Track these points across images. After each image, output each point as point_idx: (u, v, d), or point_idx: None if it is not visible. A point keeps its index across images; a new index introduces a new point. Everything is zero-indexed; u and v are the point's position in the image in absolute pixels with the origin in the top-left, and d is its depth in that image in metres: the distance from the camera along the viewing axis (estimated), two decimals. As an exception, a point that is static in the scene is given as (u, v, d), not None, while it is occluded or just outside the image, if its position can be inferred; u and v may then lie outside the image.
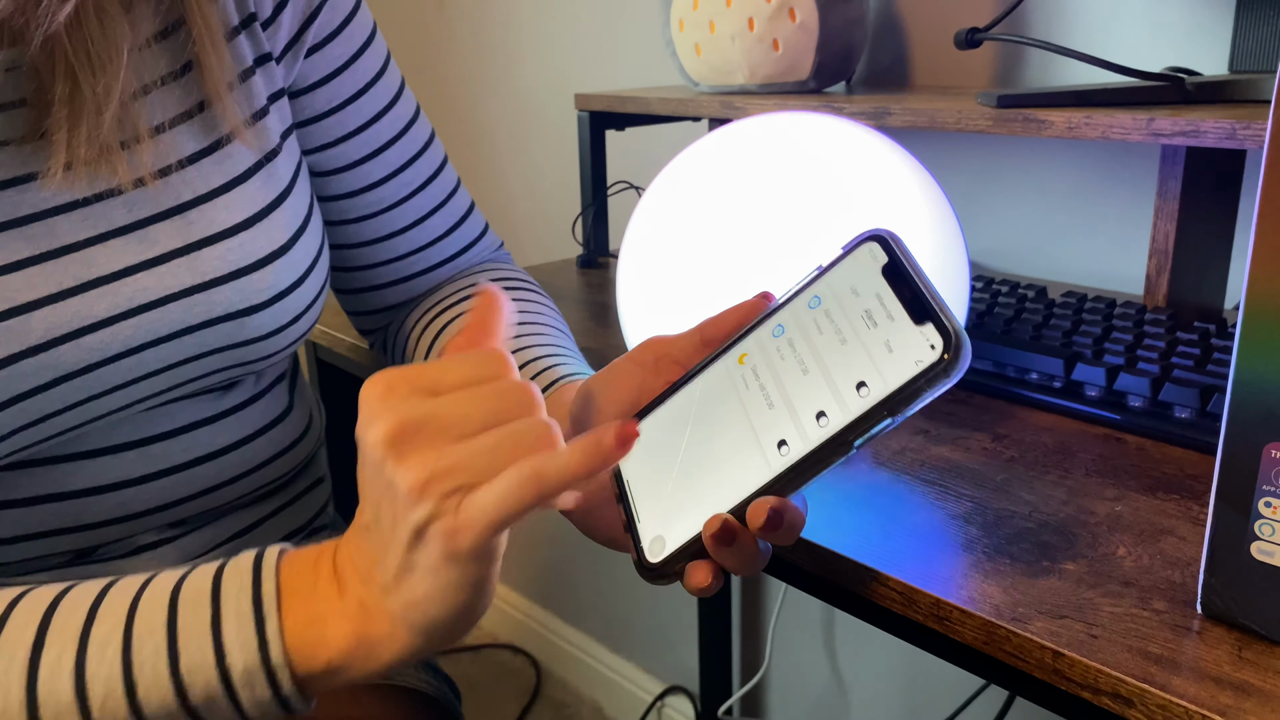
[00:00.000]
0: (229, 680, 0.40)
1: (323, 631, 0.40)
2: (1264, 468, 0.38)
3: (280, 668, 0.40)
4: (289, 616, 0.40)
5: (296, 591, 0.41)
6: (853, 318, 0.42)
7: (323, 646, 0.40)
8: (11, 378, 0.49)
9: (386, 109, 0.65)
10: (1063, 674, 0.40)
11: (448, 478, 0.37)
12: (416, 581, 0.38)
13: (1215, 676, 0.38)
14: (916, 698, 1.20)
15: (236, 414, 0.61)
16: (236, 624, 0.40)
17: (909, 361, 0.38)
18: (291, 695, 0.40)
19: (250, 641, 0.40)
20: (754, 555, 0.41)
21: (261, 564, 0.41)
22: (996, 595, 0.43)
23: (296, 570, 0.41)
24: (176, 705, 0.40)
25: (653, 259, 0.56)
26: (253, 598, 0.40)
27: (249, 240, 0.55)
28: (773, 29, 0.86)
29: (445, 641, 0.40)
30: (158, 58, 0.54)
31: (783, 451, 0.41)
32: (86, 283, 0.51)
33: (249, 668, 0.40)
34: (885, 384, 0.39)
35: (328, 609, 0.40)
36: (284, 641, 0.40)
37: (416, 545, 0.37)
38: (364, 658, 0.40)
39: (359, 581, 0.40)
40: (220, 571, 0.42)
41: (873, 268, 0.42)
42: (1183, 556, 0.46)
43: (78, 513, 0.56)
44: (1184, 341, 0.63)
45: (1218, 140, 0.60)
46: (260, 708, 0.40)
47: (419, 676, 0.66)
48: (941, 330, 0.38)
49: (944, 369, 0.37)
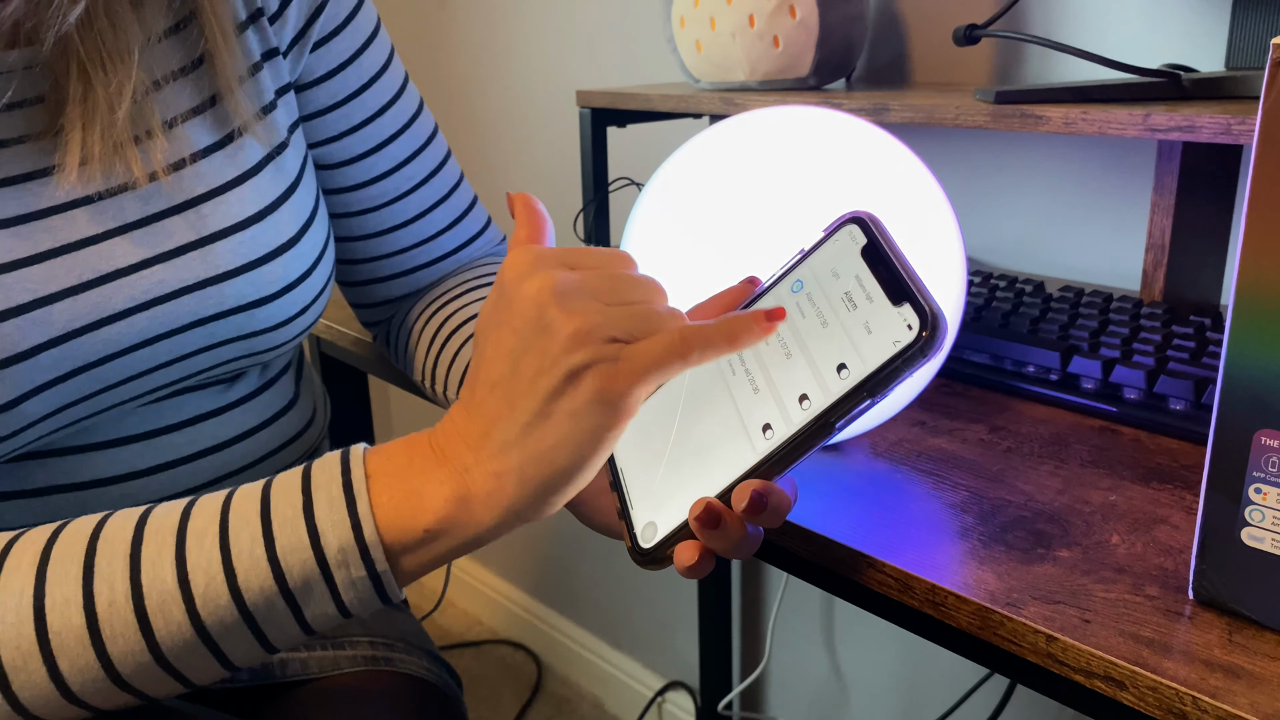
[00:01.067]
0: (324, 560, 0.41)
1: (419, 501, 0.41)
2: (1254, 455, 0.38)
3: (374, 545, 0.41)
4: (381, 494, 0.42)
5: (389, 472, 0.43)
6: (834, 300, 0.42)
7: (420, 513, 0.41)
8: (34, 369, 0.50)
9: (391, 103, 0.66)
10: (1056, 658, 0.40)
11: (608, 328, 0.40)
12: (550, 428, 0.40)
13: (1206, 659, 0.38)
14: (915, 691, 1.20)
15: (242, 406, 0.62)
16: (329, 507, 0.42)
17: (887, 342, 0.39)
18: (384, 574, 0.42)
19: (343, 521, 0.41)
20: (742, 538, 0.42)
21: (350, 455, 0.44)
22: (991, 581, 0.44)
23: (386, 454, 0.43)
24: (275, 590, 0.41)
25: (653, 253, 0.57)
26: (343, 483, 0.42)
27: (259, 233, 0.56)
28: (773, 26, 0.86)
29: (547, 505, 0.42)
30: (169, 53, 0.55)
31: (767, 435, 0.42)
32: (105, 275, 0.52)
33: (343, 546, 0.41)
34: (864, 365, 0.39)
35: (424, 479, 0.42)
36: (375, 520, 0.41)
37: (565, 389, 0.40)
38: (463, 521, 0.41)
39: (466, 447, 0.42)
40: (309, 467, 0.44)
41: (853, 250, 0.43)
42: (1175, 544, 0.46)
43: (86, 503, 0.57)
44: (1179, 335, 0.64)
45: (1213, 136, 0.61)
46: (355, 590, 0.42)
47: (421, 664, 0.67)
48: (918, 310, 0.38)
49: (920, 348, 0.38)
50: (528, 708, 1.65)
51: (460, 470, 0.42)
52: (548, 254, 0.43)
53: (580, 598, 1.68)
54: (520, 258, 0.42)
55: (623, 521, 0.46)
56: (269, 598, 0.41)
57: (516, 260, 0.42)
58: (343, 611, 0.43)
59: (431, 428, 0.44)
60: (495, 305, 0.43)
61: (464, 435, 0.42)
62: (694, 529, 0.41)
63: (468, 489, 0.41)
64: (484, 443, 0.41)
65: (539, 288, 0.40)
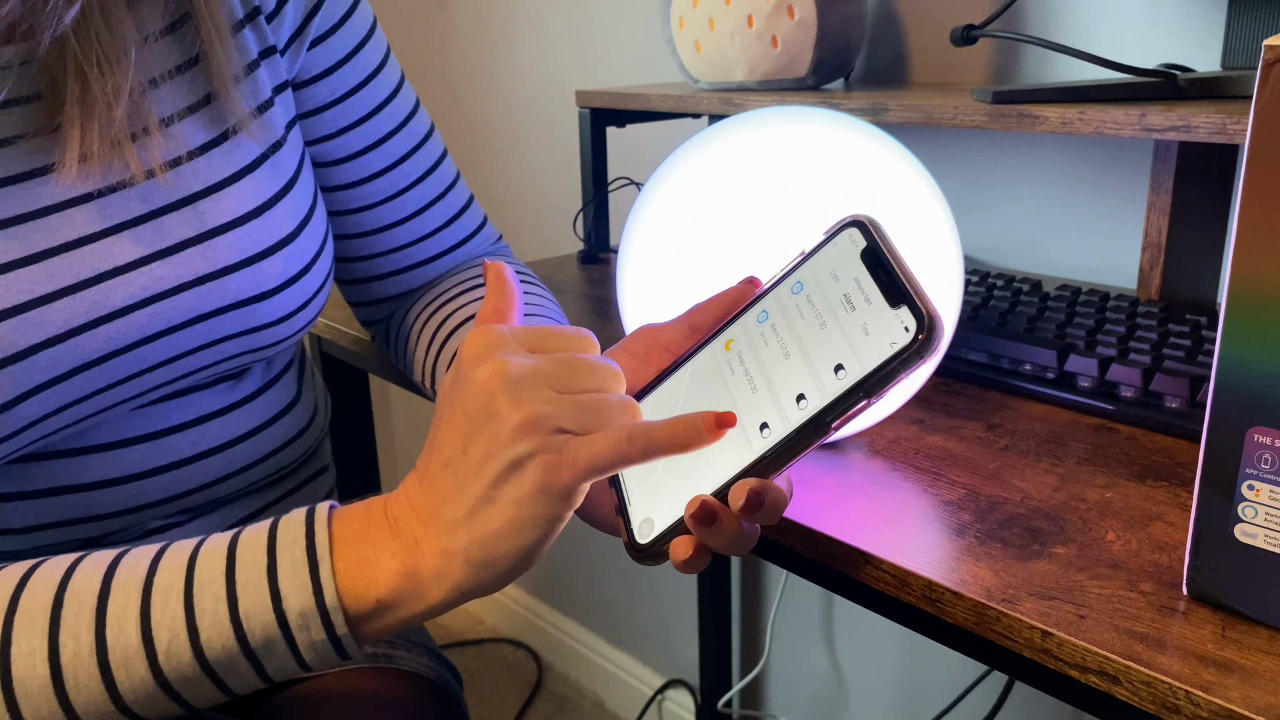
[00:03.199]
0: (285, 623, 0.42)
1: (372, 571, 0.42)
2: (1247, 451, 0.39)
3: (334, 610, 0.42)
4: (340, 561, 0.43)
5: (348, 539, 0.43)
6: (832, 302, 0.43)
7: (373, 585, 0.42)
8: (31, 368, 0.50)
9: (387, 101, 0.66)
10: (1051, 653, 0.41)
11: (555, 419, 0.41)
12: (496, 513, 0.41)
13: (1199, 654, 0.39)
14: (914, 689, 1.21)
15: (246, 405, 0.62)
16: (292, 570, 0.42)
17: (884, 344, 0.39)
18: (344, 637, 0.43)
19: (305, 586, 0.42)
20: (738, 535, 0.42)
21: (314, 517, 0.44)
22: (987, 578, 0.44)
23: (346, 521, 0.44)
24: (237, 649, 0.42)
25: (653, 253, 0.57)
26: (306, 546, 0.43)
27: (258, 229, 0.56)
28: (771, 26, 0.87)
29: (494, 584, 0.43)
30: (165, 51, 0.55)
31: (764, 434, 0.42)
32: (103, 273, 0.52)
33: (304, 610, 0.42)
34: (861, 366, 0.40)
35: (377, 550, 0.43)
36: (336, 584, 0.42)
37: (509, 476, 0.41)
38: (413, 594, 0.42)
39: (417, 522, 0.43)
40: (275, 525, 0.44)
41: (852, 252, 0.43)
42: (1170, 541, 0.47)
43: (90, 504, 0.57)
44: (1175, 333, 0.64)
45: (1209, 135, 0.61)
46: (315, 650, 0.43)
47: (422, 661, 0.67)
48: (915, 312, 0.39)
49: (917, 351, 0.38)
50: (528, 706, 1.66)
51: (411, 544, 0.43)
52: (506, 337, 0.43)
53: (580, 596, 1.69)
54: (479, 339, 0.43)
55: (620, 518, 0.46)
56: (231, 656, 0.42)
57: (475, 341, 0.43)
58: (303, 667, 0.44)
59: (388, 495, 0.45)
60: (453, 383, 0.43)
61: (416, 509, 0.43)
62: (689, 526, 0.42)
63: (417, 564, 0.42)
64: (433, 519, 0.42)
65: (490, 374, 0.42)
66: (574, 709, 1.65)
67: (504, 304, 0.47)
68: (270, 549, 0.43)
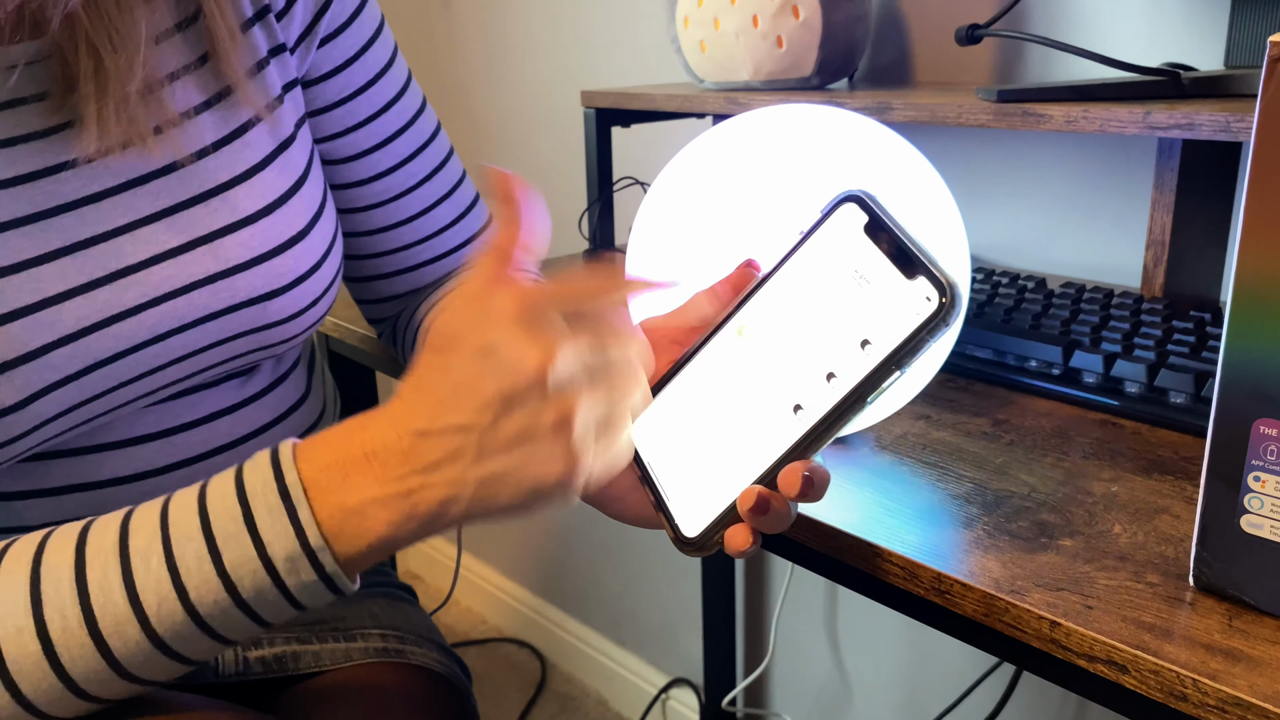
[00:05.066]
0: (273, 569, 0.42)
1: (361, 520, 0.42)
2: (1253, 443, 0.39)
3: (321, 550, 0.42)
4: (322, 510, 0.42)
5: (324, 487, 0.42)
6: (844, 278, 0.43)
7: (365, 533, 0.42)
8: (44, 368, 0.50)
9: (395, 99, 0.66)
10: (1059, 643, 0.41)
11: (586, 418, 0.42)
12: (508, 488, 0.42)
13: (1206, 644, 0.39)
14: (918, 687, 1.21)
15: (256, 402, 0.63)
16: (270, 518, 0.42)
17: (909, 314, 0.40)
18: (335, 574, 0.42)
19: (286, 530, 0.42)
20: (787, 517, 0.44)
21: (279, 459, 0.43)
22: (996, 570, 0.45)
23: (317, 465, 0.43)
24: (229, 601, 0.42)
25: (660, 252, 0.58)
26: (279, 491, 0.42)
27: (269, 226, 0.56)
28: (776, 26, 0.87)
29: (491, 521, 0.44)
30: (176, 49, 0.56)
31: (799, 416, 0.43)
32: (115, 272, 0.52)
33: (290, 554, 0.42)
34: (890, 339, 0.41)
35: (361, 497, 0.42)
36: (319, 527, 0.42)
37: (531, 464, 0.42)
38: (409, 534, 0.42)
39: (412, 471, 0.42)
40: (239, 472, 0.44)
41: (854, 227, 0.44)
42: (1176, 534, 0.47)
43: (103, 502, 0.57)
44: (1180, 330, 0.64)
45: (1213, 133, 0.61)
46: (307, 591, 0.43)
47: (432, 656, 0.67)
48: (935, 281, 0.40)
49: (944, 318, 0.39)
50: (532, 705, 1.66)
51: (403, 491, 0.42)
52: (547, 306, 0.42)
53: (585, 596, 1.69)
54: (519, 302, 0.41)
55: (660, 513, 0.47)
56: (224, 609, 0.42)
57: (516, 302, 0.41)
58: (298, 608, 0.44)
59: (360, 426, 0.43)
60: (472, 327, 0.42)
61: (408, 455, 0.42)
62: (745, 518, 0.43)
63: (413, 509, 0.42)
64: (435, 470, 0.42)
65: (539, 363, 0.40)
66: (578, 708, 1.66)
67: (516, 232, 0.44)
68: (241, 498, 0.42)
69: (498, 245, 0.43)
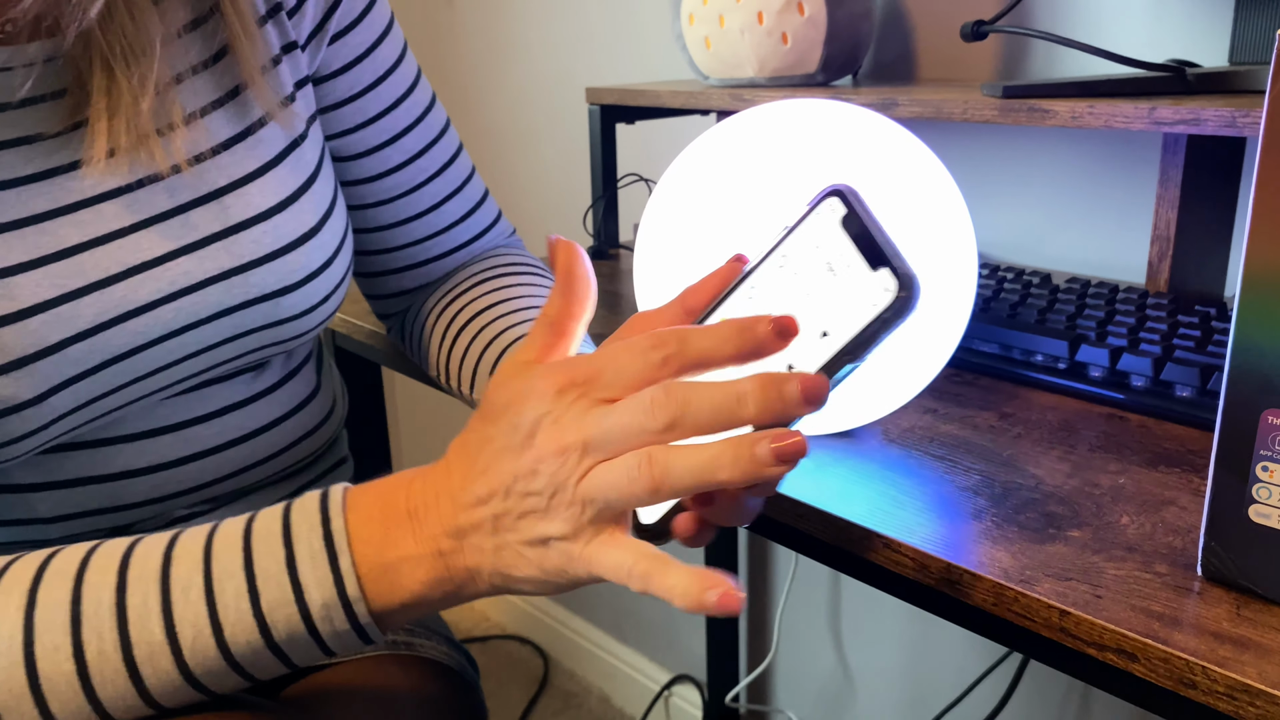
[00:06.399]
0: (308, 615, 0.42)
1: (397, 578, 0.43)
2: (1261, 433, 0.40)
3: (357, 600, 0.42)
4: (362, 564, 0.43)
5: (366, 540, 0.43)
6: (817, 270, 0.44)
7: (397, 589, 0.43)
8: (62, 362, 0.51)
9: (404, 96, 0.67)
10: (1069, 632, 0.41)
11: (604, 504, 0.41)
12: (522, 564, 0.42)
13: (1214, 632, 0.39)
14: (921, 684, 1.22)
15: (267, 397, 0.63)
16: (311, 563, 0.43)
17: (866, 305, 0.41)
18: (368, 625, 0.43)
19: (326, 578, 0.42)
20: (737, 508, 0.43)
21: (328, 505, 0.44)
22: (1005, 560, 0.45)
23: (363, 516, 0.44)
24: (261, 643, 0.43)
25: (669, 246, 0.58)
26: (323, 536, 0.43)
27: (282, 223, 0.57)
28: (781, 23, 0.88)
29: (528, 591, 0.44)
30: (189, 47, 0.56)
31: None
32: (132, 268, 0.53)
33: (327, 602, 0.42)
34: (846, 329, 0.41)
35: (400, 555, 0.43)
36: (359, 578, 0.43)
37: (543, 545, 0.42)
38: (440, 598, 0.43)
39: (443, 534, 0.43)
40: (288, 514, 0.44)
41: (832, 221, 0.44)
42: (1184, 524, 0.48)
43: (117, 493, 0.58)
44: (1185, 324, 0.65)
45: (1217, 129, 0.62)
46: (339, 639, 0.43)
47: (441, 650, 0.68)
48: (895, 273, 0.40)
49: (897, 310, 0.40)
50: (535, 702, 1.66)
51: (436, 552, 0.43)
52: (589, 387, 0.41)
53: (587, 593, 1.70)
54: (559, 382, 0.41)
55: None
56: (255, 649, 0.43)
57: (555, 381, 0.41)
58: (327, 654, 0.44)
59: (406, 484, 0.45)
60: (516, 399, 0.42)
61: (443, 519, 0.43)
62: (687, 505, 0.43)
63: (444, 574, 0.43)
64: (462, 537, 0.43)
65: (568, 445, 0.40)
66: (580, 705, 1.66)
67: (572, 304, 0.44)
68: (287, 540, 0.43)
69: (551, 316, 0.44)
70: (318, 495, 0.45)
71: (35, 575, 0.43)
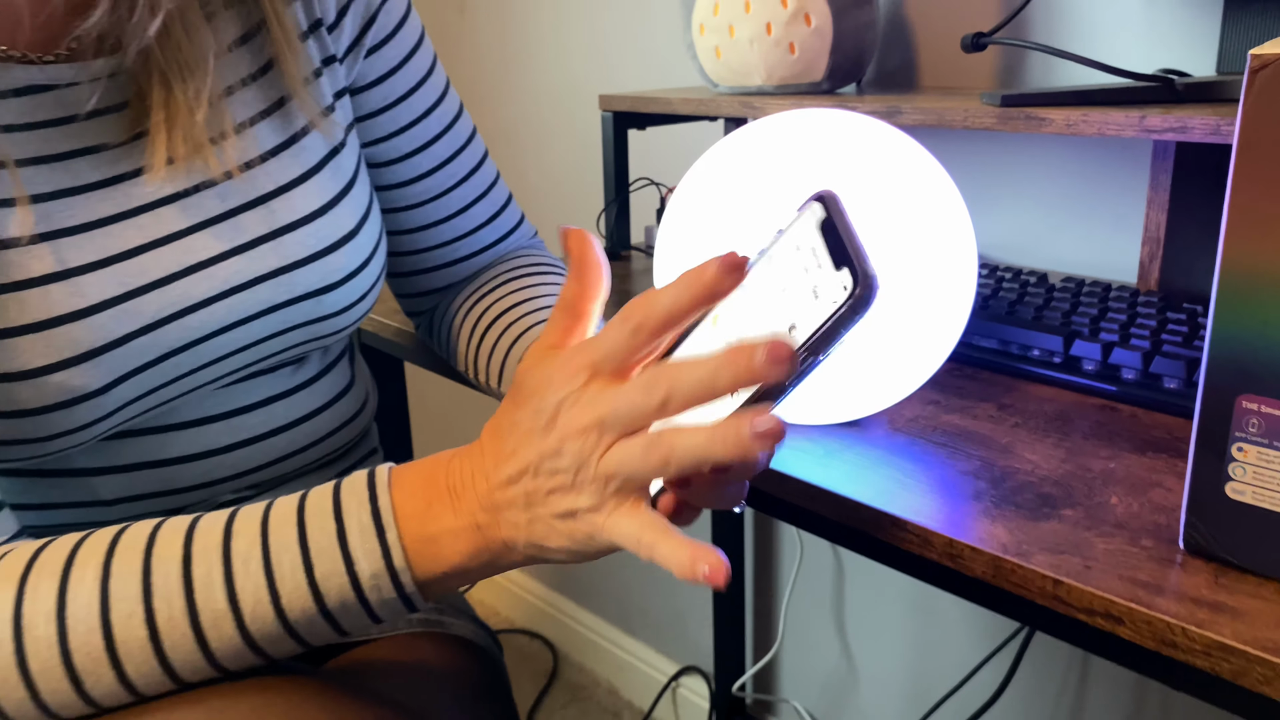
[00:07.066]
0: (359, 584, 0.46)
1: (438, 549, 0.47)
2: (1237, 416, 0.43)
3: (403, 570, 0.46)
4: (406, 537, 0.47)
5: (410, 514, 0.47)
6: (795, 270, 0.47)
7: (439, 560, 0.47)
8: (128, 354, 0.55)
9: (435, 105, 0.71)
10: (1061, 599, 0.45)
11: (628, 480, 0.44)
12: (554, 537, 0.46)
13: (1194, 597, 0.43)
14: (924, 674, 1.25)
15: (307, 389, 0.67)
16: (360, 536, 0.47)
17: (827, 302, 0.43)
18: (413, 594, 0.47)
19: (374, 550, 0.46)
20: (717, 491, 0.46)
21: (375, 482, 0.48)
22: (1003, 536, 0.49)
23: (407, 492, 0.48)
24: (315, 611, 0.47)
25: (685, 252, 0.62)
26: (371, 511, 0.47)
27: (323, 226, 0.61)
28: (789, 33, 0.91)
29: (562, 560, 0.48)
30: (238, 61, 0.60)
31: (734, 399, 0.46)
32: (189, 267, 0.57)
33: (375, 573, 0.46)
34: (809, 326, 0.44)
35: (441, 528, 0.47)
36: (404, 550, 0.47)
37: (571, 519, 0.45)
38: (478, 568, 0.47)
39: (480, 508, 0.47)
40: (338, 490, 0.48)
41: (812, 224, 0.47)
42: (1168, 504, 0.51)
43: (170, 478, 0.62)
44: (1173, 320, 0.69)
45: (1204, 136, 0.65)
46: (386, 607, 0.47)
47: (469, 628, 0.72)
48: (853, 271, 0.43)
49: (853, 306, 0.42)
50: (544, 695, 1.69)
51: (474, 526, 0.47)
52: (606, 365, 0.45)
53: (595, 587, 1.73)
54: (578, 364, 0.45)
55: None
56: (310, 617, 0.47)
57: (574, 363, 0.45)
58: (375, 621, 0.48)
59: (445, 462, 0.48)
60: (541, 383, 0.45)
61: (479, 496, 0.47)
62: (667, 488, 0.47)
63: (483, 545, 0.47)
64: (497, 512, 0.46)
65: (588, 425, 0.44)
66: (589, 697, 1.69)
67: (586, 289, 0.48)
68: (337, 515, 0.47)
69: (568, 300, 0.48)
70: (365, 474, 0.49)
71: (109, 549, 0.47)
